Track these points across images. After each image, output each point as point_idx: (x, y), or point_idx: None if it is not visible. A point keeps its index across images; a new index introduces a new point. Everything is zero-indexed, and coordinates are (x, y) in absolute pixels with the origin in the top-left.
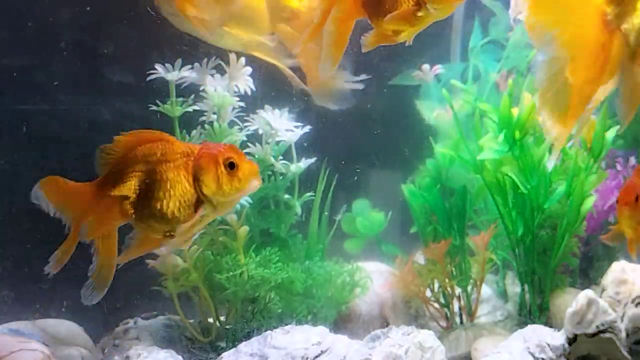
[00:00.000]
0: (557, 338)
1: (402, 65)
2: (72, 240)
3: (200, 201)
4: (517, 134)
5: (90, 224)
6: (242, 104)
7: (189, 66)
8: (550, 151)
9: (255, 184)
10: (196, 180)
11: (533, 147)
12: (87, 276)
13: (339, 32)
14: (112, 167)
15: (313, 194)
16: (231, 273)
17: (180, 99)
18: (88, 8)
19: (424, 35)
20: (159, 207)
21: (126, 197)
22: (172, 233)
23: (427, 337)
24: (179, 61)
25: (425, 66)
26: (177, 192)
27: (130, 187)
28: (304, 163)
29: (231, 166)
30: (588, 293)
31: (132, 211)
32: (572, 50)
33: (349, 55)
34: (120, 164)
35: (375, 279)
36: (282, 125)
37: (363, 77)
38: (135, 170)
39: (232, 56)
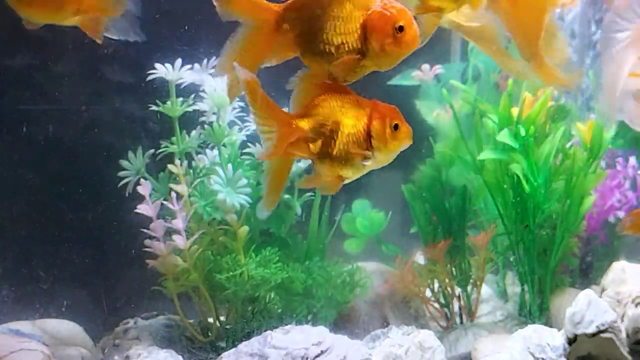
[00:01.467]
0: (557, 338)
1: (402, 65)
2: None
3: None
4: (532, 129)
5: (276, 143)
6: (242, 104)
7: (189, 66)
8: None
9: (408, 144)
10: (368, 133)
11: (534, 146)
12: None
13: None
14: (308, 105)
15: (313, 194)
16: (231, 273)
17: (181, 99)
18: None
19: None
20: (336, 150)
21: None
22: (343, 176)
23: (427, 337)
24: (179, 61)
25: (425, 66)
26: (352, 139)
27: (317, 128)
28: (304, 163)
29: (395, 127)
30: (588, 293)
31: (315, 150)
32: None
33: None
34: (312, 106)
35: (375, 279)
36: None
37: None
38: (324, 114)
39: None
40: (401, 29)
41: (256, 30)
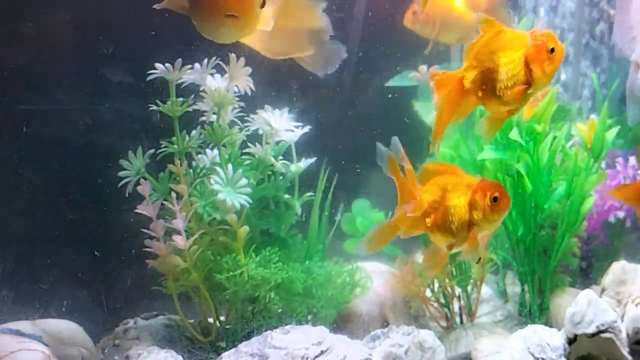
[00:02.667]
0: (557, 338)
1: (402, 65)
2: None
3: (471, 223)
4: (542, 126)
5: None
6: (242, 104)
7: (189, 66)
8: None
9: (505, 214)
10: (471, 207)
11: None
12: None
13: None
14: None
15: (313, 194)
16: (231, 273)
17: (181, 99)
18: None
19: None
20: (445, 223)
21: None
22: (453, 244)
23: (427, 337)
24: (179, 61)
25: (422, 67)
26: (457, 214)
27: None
28: (304, 163)
29: (494, 200)
30: (588, 293)
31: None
32: None
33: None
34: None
35: (375, 279)
36: (282, 125)
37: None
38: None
39: (232, 56)
40: (552, 50)
41: (447, 99)
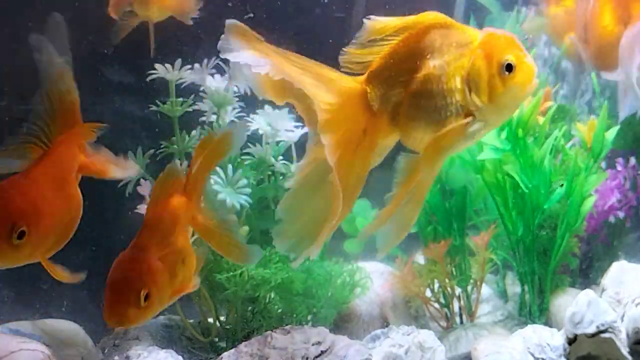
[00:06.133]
0: (557, 338)
1: None
2: None
3: (467, 111)
4: (520, 132)
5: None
6: (242, 104)
7: (189, 66)
8: (551, 152)
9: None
10: (468, 82)
11: (533, 147)
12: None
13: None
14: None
15: None
16: (231, 273)
17: (181, 99)
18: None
19: None
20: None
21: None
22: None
23: (427, 337)
24: (179, 61)
25: None
26: (442, 93)
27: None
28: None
29: (508, 68)
30: (588, 293)
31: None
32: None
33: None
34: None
35: (375, 279)
36: (282, 125)
37: None
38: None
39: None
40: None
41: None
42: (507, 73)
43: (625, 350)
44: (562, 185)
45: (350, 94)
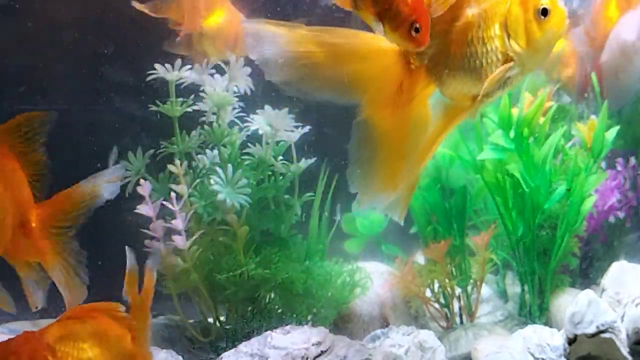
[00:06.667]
0: (557, 338)
1: None
2: None
3: (507, 57)
4: (525, 131)
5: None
6: (242, 104)
7: (189, 66)
8: (554, 154)
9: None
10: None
11: (534, 147)
12: None
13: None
14: None
15: (313, 194)
16: (231, 273)
17: (181, 99)
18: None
19: None
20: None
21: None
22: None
23: (427, 337)
24: (179, 61)
25: None
26: (481, 42)
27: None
28: (304, 163)
29: (543, 12)
30: (588, 293)
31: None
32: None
33: None
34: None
35: (375, 279)
36: (282, 125)
37: None
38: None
39: (232, 56)
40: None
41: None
42: (542, 17)
43: (625, 351)
44: (569, 189)
45: (385, 52)
